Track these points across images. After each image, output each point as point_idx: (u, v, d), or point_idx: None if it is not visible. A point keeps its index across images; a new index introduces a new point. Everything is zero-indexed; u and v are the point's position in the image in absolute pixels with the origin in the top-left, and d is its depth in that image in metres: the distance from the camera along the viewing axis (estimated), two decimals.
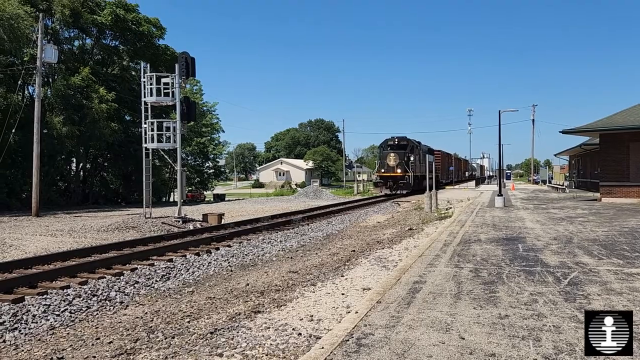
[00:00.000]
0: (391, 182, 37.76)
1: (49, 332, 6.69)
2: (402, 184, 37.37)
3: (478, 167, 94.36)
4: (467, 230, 13.66)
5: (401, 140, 39.37)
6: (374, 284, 7.96)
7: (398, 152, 38.12)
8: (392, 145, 39.25)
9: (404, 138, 39.56)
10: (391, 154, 38.17)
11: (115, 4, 36.85)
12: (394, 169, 37.68)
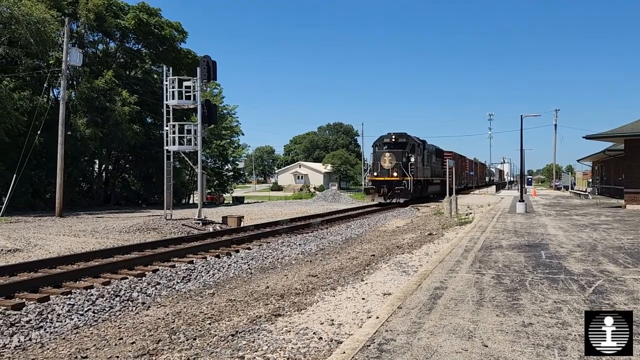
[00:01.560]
0: (385, 188, 31.17)
1: (73, 331, 6.79)
2: (399, 190, 30.80)
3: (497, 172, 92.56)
4: (488, 236, 13.52)
5: (399, 137, 32.99)
6: (394, 289, 7.92)
7: (395, 152, 31.74)
8: (389, 144, 32.96)
9: (403, 135, 33.24)
10: (386, 153, 31.62)
11: (139, 8, 37.41)
12: (389, 172, 31.30)
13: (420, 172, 33.26)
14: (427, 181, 36.02)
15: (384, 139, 33.33)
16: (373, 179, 31.95)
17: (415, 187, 32.14)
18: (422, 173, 34.17)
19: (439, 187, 39.89)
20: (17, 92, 28.27)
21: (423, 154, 34.54)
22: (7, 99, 26.88)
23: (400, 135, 33.09)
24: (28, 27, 27.21)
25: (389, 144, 32.94)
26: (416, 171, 32.16)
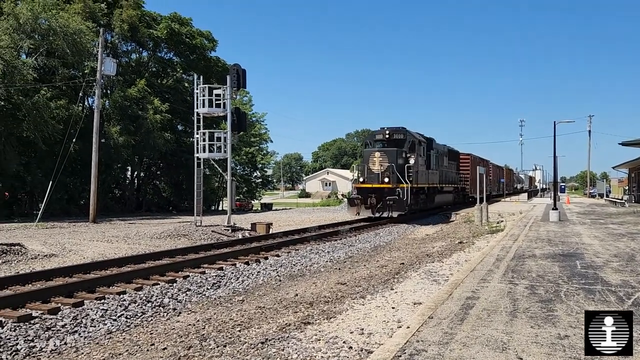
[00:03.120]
0: (374, 197, 23.77)
1: (107, 336, 6.91)
2: (392, 201, 23.20)
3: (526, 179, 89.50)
4: (521, 245, 13.26)
5: (395, 132, 25.75)
6: (425, 298, 7.81)
7: (387, 152, 24.34)
8: (381, 141, 25.80)
9: (401, 130, 26.00)
10: (375, 153, 24.32)
11: (171, 18, 38.19)
12: (379, 178, 23.81)
13: (422, 178, 26.38)
14: (434, 189, 28.97)
15: (375, 136, 26.36)
16: (359, 187, 24.46)
17: (416, 196, 25.44)
18: (427, 179, 27.19)
19: (451, 197, 34.21)
20: (54, 101, 29.13)
21: (428, 154, 27.68)
22: (45, 108, 27.72)
23: (397, 131, 25.74)
24: (65, 38, 28.06)
25: (381, 141, 25.76)
26: (416, 176, 25.03)
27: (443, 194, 31.65)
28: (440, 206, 31.56)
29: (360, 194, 24.23)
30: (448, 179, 32.84)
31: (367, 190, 24.06)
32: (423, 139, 27.38)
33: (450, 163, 33.90)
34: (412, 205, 24.57)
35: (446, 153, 32.81)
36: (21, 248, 13.90)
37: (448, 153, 33.47)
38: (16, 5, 28.13)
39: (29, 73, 26.86)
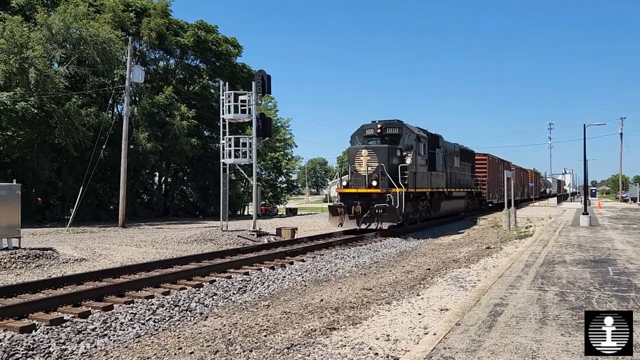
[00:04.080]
0: (359, 205, 19.46)
1: (135, 339, 7.01)
2: (381, 209, 19.03)
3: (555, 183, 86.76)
4: (550, 250, 13.00)
5: (389, 126, 21.56)
6: (451, 304, 7.72)
7: (377, 150, 20.18)
8: (373, 137, 21.62)
9: (396, 123, 21.73)
10: (362, 151, 20.17)
11: (197, 26, 38.75)
12: (367, 181, 19.58)
13: (423, 181, 22.18)
14: (439, 194, 24.65)
15: (365, 130, 21.84)
16: (342, 192, 20.52)
17: (414, 203, 21.55)
18: (429, 182, 22.91)
19: (463, 203, 29.95)
20: (84, 109, 29.83)
21: (432, 153, 23.64)
22: (76, 116, 28.41)
23: (391, 124, 21.54)
24: (95, 47, 28.74)
25: (372, 137, 21.51)
26: (414, 179, 20.94)
27: (452, 200, 27.40)
28: (448, 214, 27.26)
29: (344, 200, 20.09)
30: (459, 182, 28.72)
31: (351, 197, 19.79)
32: (425, 134, 23.11)
33: (463, 164, 30.01)
34: (408, 214, 21.04)
35: (457, 153, 28.77)
36: (53, 252, 14.23)
37: (460, 153, 29.31)
38: (49, 16, 28.93)
39: (61, 81, 27.57)
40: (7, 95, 25.53)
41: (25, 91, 26.29)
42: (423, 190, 22.27)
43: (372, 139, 21.45)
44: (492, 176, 36.27)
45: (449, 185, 26.31)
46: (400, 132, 21.43)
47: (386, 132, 21.32)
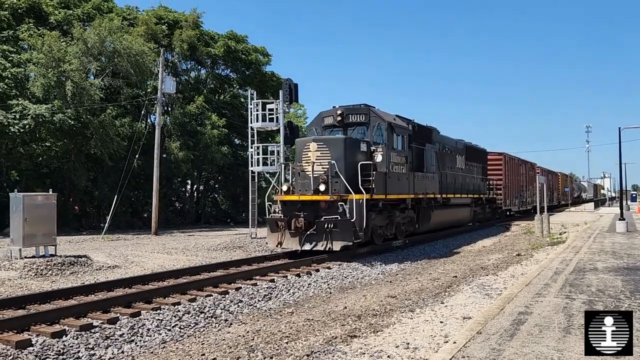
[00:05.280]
0: (303, 218, 14.58)
1: (161, 345, 7.18)
2: (331, 223, 14.27)
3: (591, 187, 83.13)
4: (582, 257, 12.70)
5: (351, 113, 16.52)
6: (475, 312, 7.64)
7: (330, 142, 15.24)
8: (333, 127, 16.72)
9: (361, 109, 16.58)
10: (311, 145, 15.25)
11: (227, 37, 39.38)
12: (315, 184, 14.85)
13: (402, 185, 16.85)
14: (428, 202, 19.30)
15: (323, 119, 16.93)
16: (282, 199, 15.32)
17: (386, 215, 16.47)
18: (411, 186, 17.51)
19: (467, 212, 24.64)
20: (118, 120, 30.68)
21: (420, 150, 18.63)
22: (110, 126, 29.25)
23: (354, 110, 16.49)
24: (129, 59, 29.57)
25: (332, 127, 16.61)
26: (385, 181, 15.57)
27: (449, 209, 21.86)
28: (444, 227, 22.20)
29: (286, 211, 15.01)
30: (463, 187, 23.57)
31: (293, 206, 14.87)
32: (404, 124, 17.61)
33: (470, 165, 25.23)
34: (377, 229, 15.99)
35: (461, 150, 24.04)
36: (87, 260, 14.67)
37: (465, 151, 24.53)
38: (85, 30, 29.92)
39: (96, 93, 28.44)
40: (46, 108, 26.47)
41: (62, 103, 27.20)
42: (400, 196, 16.76)
43: (332, 130, 16.49)
44: (509, 179, 31.76)
45: (445, 190, 21.08)
46: (367, 121, 16.23)
47: (349, 120, 16.34)
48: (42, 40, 27.41)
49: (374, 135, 16.19)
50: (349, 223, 14.10)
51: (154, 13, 36.39)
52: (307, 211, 14.63)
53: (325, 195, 14.39)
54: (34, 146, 29.49)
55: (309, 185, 15.02)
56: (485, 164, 28.25)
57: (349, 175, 14.61)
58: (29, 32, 29.22)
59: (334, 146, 14.98)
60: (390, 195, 16.02)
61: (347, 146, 15.03)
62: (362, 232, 14.50)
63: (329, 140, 15.42)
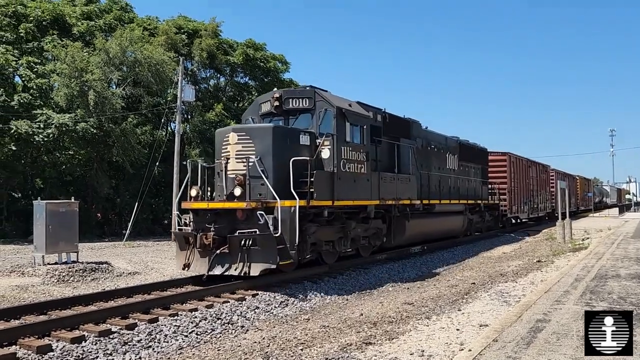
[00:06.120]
0: (214, 231, 10.99)
1: (177, 351, 7.25)
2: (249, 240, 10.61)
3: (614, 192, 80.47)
4: (604, 264, 12.46)
5: (293, 97, 13.01)
6: (492, 320, 7.56)
7: (255, 132, 11.73)
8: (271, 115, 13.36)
9: (305, 92, 13.06)
10: (230, 136, 11.72)
11: (246, 45, 39.75)
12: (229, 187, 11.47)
13: (360, 188, 13.30)
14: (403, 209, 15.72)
15: (260, 105, 13.76)
16: (191, 207, 12.07)
17: (337, 227, 13.00)
18: (375, 190, 13.92)
19: (459, 220, 20.96)
20: (139, 128, 31.16)
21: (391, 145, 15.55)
22: (132, 134, 29.73)
23: (297, 94, 13.17)
24: (149, 68, 30.03)
25: (270, 116, 13.37)
26: (332, 184, 12.14)
27: (434, 218, 18.31)
28: (424, 240, 18.39)
29: (198, 223, 11.63)
30: (455, 191, 20.29)
31: (203, 217, 11.60)
32: (363, 112, 13.87)
33: (466, 166, 21.98)
34: (322, 245, 12.53)
35: (453, 149, 20.65)
36: (108, 266, 14.90)
37: (459, 149, 21.17)
38: (107, 41, 30.51)
39: (118, 102, 28.93)
40: (69, 117, 27.01)
41: (85, 112, 27.73)
42: (357, 202, 13.23)
43: (272, 120, 13.17)
44: (516, 183, 28.21)
45: (428, 195, 17.63)
46: (312, 106, 12.69)
47: (289, 105, 12.88)
48: (66, 51, 27.99)
49: (320, 124, 12.58)
50: (271, 239, 10.51)
51: (174, 23, 36.91)
52: (222, 223, 11.13)
53: (241, 202, 10.89)
54: (58, 154, 30.12)
55: (220, 187, 12.10)
56: (485, 165, 24.88)
57: (280, 175, 11.18)
58: (53, 44, 29.88)
59: (259, 137, 11.50)
60: (342, 201, 12.46)
61: (276, 137, 11.51)
62: (295, 249, 10.93)
63: (253, 129, 11.94)
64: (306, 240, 11.68)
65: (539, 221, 34.71)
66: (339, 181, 12.35)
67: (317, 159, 11.98)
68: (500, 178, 26.59)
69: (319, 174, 11.66)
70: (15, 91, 29.05)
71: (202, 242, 11.06)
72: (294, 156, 11.30)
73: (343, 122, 12.75)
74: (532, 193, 31.92)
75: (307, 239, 11.69)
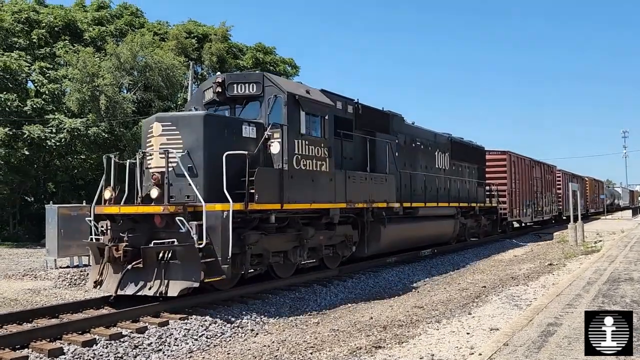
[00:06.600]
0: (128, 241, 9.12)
1: (187, 355, 7.28)
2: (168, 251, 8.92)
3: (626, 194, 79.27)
4: (617, 267, 12.34)
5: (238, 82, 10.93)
6: (502, 324, 7.51)
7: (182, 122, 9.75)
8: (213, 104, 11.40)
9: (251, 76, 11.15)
10: (154, 126, 9.67)
11: (256, 49, 39.97)
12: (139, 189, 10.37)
13: (316, 189, 11.19)
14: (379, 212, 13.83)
15: (204, 92, 11.79)
16: (102, 211, 10.04)
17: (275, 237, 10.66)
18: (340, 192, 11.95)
19: (449, 225, 18.80)
20: None
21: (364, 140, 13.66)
22: None
23: (242, 78, 11.19)
24: (160, 73, 30.26)
25: (214, 105, 11.47)
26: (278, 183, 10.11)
27: (417, 223, 16.30)
28: (407, 248, 16.56)
29: (116, 231, 9.69)
30: (445, 193, 18.32)
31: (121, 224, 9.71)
32: (325, 100, 11.91)
33: (459, 165, 20.30)
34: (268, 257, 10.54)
35: (444, 146, 18.92)
36: None
37: (451, 147, 19.45)
38: (118, 46, 30.80)
39: (129, 107, 29.16)
40: (81, 122, 27.31)
41: (96, 117, 28.00)
42: (317, 206, 11.26)
43: (217, 109, 11.40)
44: (517, 184, 26.08)
45: (411, 197, 15.77)
46: (260, 93, 10.81)
47: (234, 92, 10.95)
48: (77, 57, 28.30)
49: (269, 114, 10.67)
50: (193, 250, 8.67)
51: (184, 27, 37.19)
52: (141, 231, 9.34)
53: (157, 206, 9.04)
54: (70, 159, 30.44)
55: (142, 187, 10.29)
56: (482, 164, 23.13)
57: (215, 174, 9.29)
58: (65, 49, 30.22)
59: (188, 128, 9.66)
60: (294, 204, 10.53)
61: (209, 128, 9.67)
62: (228, 263, 9.06)
63: (181, 118, 10.09)
64: (246, 252, 9.69)
65: (544, 225, 32.97)
66: (291, 180, 10.39)
67: (267, 155, 10.25)
68: (499, 179, 24.63)
69: (261, 172, 9.64)
70: (28, 96, 29.44)
71: (111, 254, 9.10)
72: (223, 151, 9.25)
73: (297, 110, 10.80)
74: (536, 195, 29.82)
75: (246, 249, 9.68)
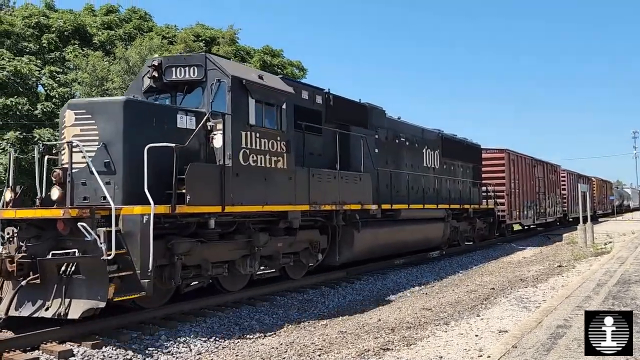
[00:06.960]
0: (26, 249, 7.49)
1: (196, 357, 7.32)
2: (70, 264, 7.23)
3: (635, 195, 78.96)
4: (628, 268, 12.25)
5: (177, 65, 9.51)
6: (511, 326, 7.48)
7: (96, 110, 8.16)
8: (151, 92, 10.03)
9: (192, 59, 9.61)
10: (67, 114, 8.18)
11: (263, 51, 40.08)
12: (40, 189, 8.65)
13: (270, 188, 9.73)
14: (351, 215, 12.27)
15: (143, 79, 10.16)
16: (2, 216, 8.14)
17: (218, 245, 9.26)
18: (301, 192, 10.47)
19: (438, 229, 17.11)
20: None
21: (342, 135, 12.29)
22: None
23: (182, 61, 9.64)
24: None
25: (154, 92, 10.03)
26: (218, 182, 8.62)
27: (399, 227, 14.61)
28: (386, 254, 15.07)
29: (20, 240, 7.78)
30: (434, 194, 16.91)
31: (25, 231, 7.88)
32: (283, 86, 10.63)
33: (451, 164, 18.94)
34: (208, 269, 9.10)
35: (433, 143, 17.55)
36: None
37: (441, 144, 18.10)
38: (126, 49, 31.02)
39: None
40: None
41: None
42: (270, 208, 9.88)
43: (158, 97, 10.06)
44: (517, 184, 24.40)
45: (392, 199, 14.14)
46: (202, 77, 9.43)
47: (172, 77, 9.59)
48: (87, 61, 28.55)
49: (212, 101, 9.25)
50: (99, 263, 7.21)
51: (192, 31, 37.38)
52: (43, 239, 7.86)
53: (57, 209, 7.67)
54: None
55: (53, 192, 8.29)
56: (478, 163, 21.62)
57: (137, 171, 7.83)
58: (75, 53, 30.48)
59: (106, 116, 8.20)
60: (240, 206, 9.16)
61: (131, 116, 8.26)
62: (149, 277, 7.60)
63: (96, 105, 8.63)
64: (174, 263, 8.31)
65: (548, 227, 31.80)
66: (236, 179, 8.98)
67: (209, 149, 9.00)
68: (497, 179, 22.97)
69: (195, 169, 8.21)
70: (39, 100, 29.68)
71: (5, 267, 7.50)
72: (144, 144, 7.81)
73: (244, 97, 9.30)
74: (539, 196, 28.00)
75: (176, 260, 8.30)
